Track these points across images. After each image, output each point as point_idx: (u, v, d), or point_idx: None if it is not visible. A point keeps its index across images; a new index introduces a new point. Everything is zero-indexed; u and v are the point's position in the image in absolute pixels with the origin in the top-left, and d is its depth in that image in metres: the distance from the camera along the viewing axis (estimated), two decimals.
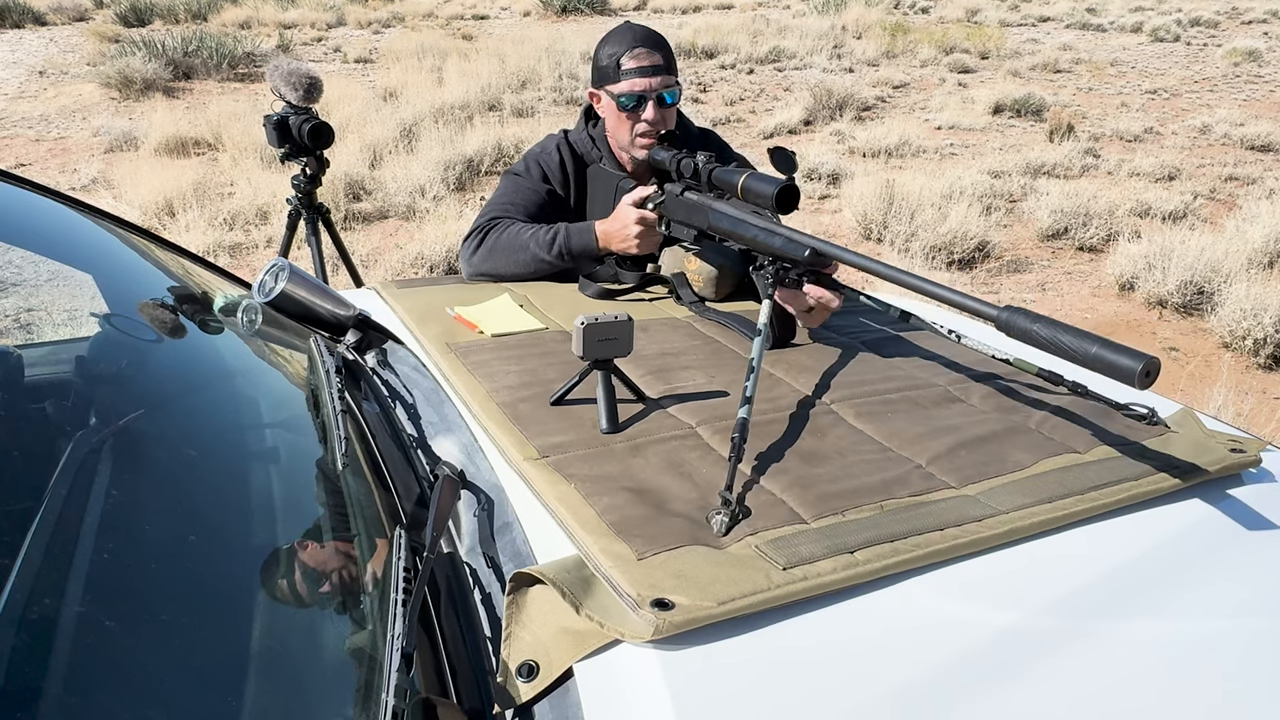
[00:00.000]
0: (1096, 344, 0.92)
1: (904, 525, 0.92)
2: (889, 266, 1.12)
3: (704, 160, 1.49)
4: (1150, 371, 0.88)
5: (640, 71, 1.70)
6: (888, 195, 5.29)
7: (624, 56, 1.70)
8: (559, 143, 1.87)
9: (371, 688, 0.74)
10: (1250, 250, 4.58)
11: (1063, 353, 0.95)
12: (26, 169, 6.67)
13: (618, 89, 1.72)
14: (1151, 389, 0.96)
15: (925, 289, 1.09)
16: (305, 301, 1.44)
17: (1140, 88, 10.20)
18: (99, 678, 0.63)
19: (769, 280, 1.32)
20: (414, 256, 4.77)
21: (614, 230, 1.68)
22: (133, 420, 0.97)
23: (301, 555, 0.91)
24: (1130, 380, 0.89)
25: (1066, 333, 0.95)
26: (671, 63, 1.75)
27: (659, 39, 1.75)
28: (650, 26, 1.78)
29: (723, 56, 11.73)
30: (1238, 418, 3.24)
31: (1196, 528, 1.00)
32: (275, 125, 2.73)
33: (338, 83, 9.18)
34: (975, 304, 1.04)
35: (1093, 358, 0.92)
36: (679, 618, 0.76)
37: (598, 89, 1.78)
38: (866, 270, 1.16)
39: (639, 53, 1.70)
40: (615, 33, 1.75)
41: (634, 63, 1.70)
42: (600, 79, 1.76)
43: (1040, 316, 0.99)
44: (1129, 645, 0.82)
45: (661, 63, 1.72)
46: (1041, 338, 0.97)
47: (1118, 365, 0.90)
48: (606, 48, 1.74)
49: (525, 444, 1.06)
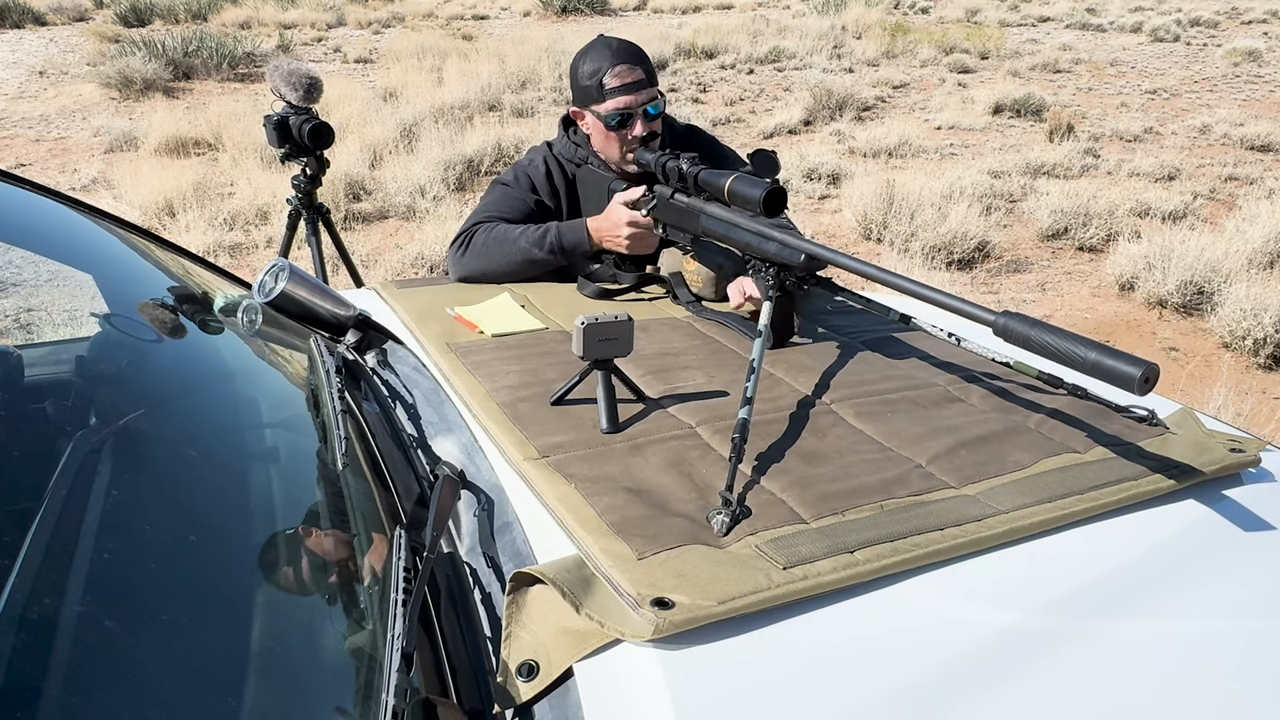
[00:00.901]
0: (1095, 350, 0.92)
1: (904, 525, 0.92)
2: (885, 271, 1.12)
3: (689, 163, 1.46)
4: (1149, 378, 0.88)
5: (624, 89, 1.69)
6: (888, 195, 5.29)
7: (606, 75, 1.69)
8: (544, 155, 1.86)
9: (371, 688, 0.74)
10: (1250, 250, 4.58)
11: (1061, 358, 0.95)
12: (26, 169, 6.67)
13: (603, 109, 1.71)
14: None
15: (922, 294, 1.08)
16: (305, 301, 1.44)
17: (1140, 88, 10.20)
18: (99, 678, 0.63)
19: (770, 282, 1.31)
20: (414, 256, 4.77)
21: (605, 229, 1.68)
22: (133, 420, 0.97)
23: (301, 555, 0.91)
24: (1130, 386, 0.88)
25: (1064, 338, 0.95)
26: (652, 74, 1.74)
27: (637, 52, 1.73)
28: (625, 38, 1.77)
29: (723, 56, 11.73)
30: (1237, 418, 3.24)
31: (1196, 527, 1.00)
32: (275, 125, 2.73)
33: (338, 83, 9.18)
34: (973, 309, 1.03)
35: (1091, 364, 0.92)
36: (679, 617, 0.76)
37: (582, 108, 1.77)
38: (863, 275, 1.15)
39: (621, 70, 1.69)
40: (593, 50, 1.73)
41: (617, 81, 1.69)
42: (583, 99, 1.75)
43: (1038, 322, 0.98)
44: (1129, 645, 0.82)
45: (644, 77, 1.71)
46: (1039, 343, 0.96)
47: (1117, 372, 0.90)
48: (586, 65, 1.72)
49: (525, 444, 1.06)
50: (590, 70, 1.71)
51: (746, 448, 1.04)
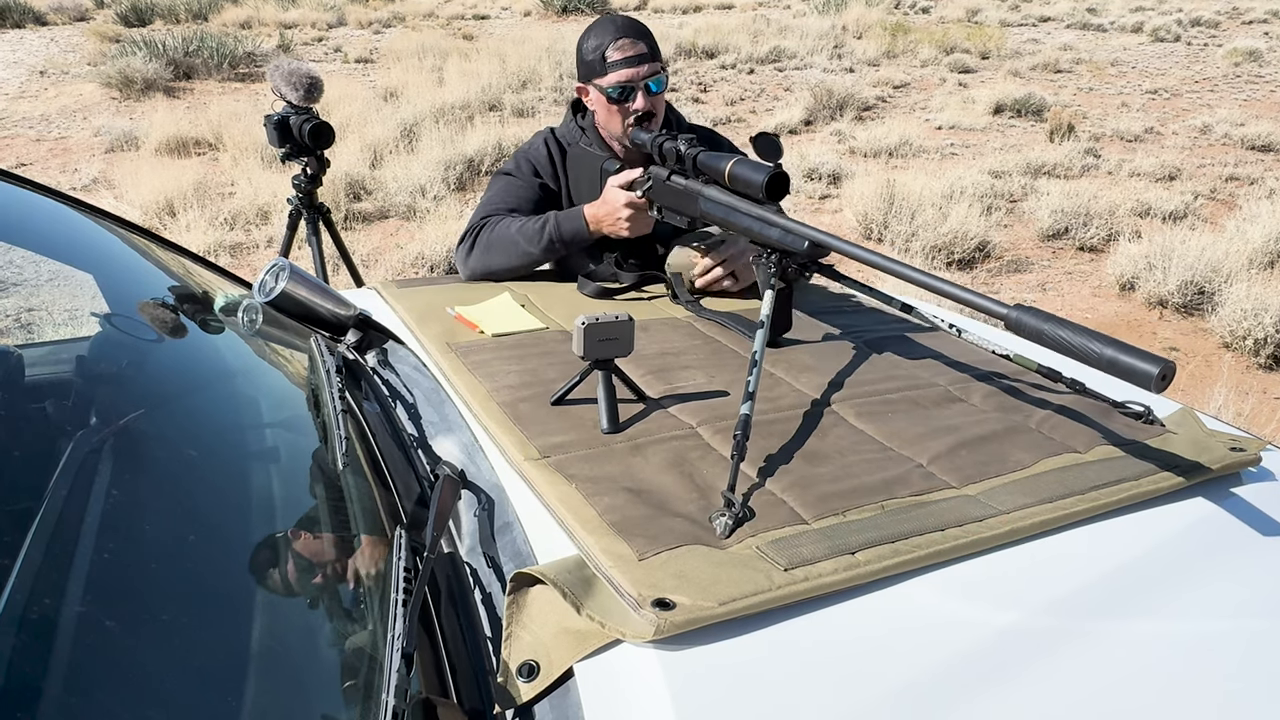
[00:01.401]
0: (1111, 346, 0.90)
1: (905, 525, 0.92)
2: (893, 260, 1.09)
3: (687, 144, 1.45)
4: (1166, 375, 0.86)
5: (626, 62, 1.69)
6: (888, 195, 5.29)
7: (609, 49, 1.70)
8: (545, 138, 1.87)
9: (371, 688, 0.74)
10: (1250, 250, 4.58)
11: (1075, 354, 0.92)
12: (27, 169, 6.67)
13: (605, 81, 1.72)
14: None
15: (932, 285, 1.04)
16: (306, 301, 1.44)
17: (1141, 88, 10.20)
18: (99, 678, 0.63)
19: (772, 271, 1.28)
20: (414, 256, 4.77)
21: (603, 214, 1.67)
22: (133, 420, 0.97)
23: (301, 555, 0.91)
24: (1147, 384, 0.86)
25: (1080, 334, 0.92)
26: (656, 50, 1.75)
27: (641, 27, 1.75)
28: (631, 15, 1.77)
29: (723, 56, 11.73)
30: (1238, 418, 3.24)
31: (1197, 527, 1.00)
32: (276, 125, 2.73)
33: (338, 83, 9.18)
34: (985, 302, 1.00)
35: (1108, 361, 0.89)
36: (680, 618, 0.76)
37: (585, 83, 1.78)
38: (870, 264, 1.12)
39: (623, 43, 1.70)
40: (597, 25, 1.75)
41: (619, 54, 1.69)
42: (587, 73, 1.76)
43: (1052, 316, 0.96)
44: (1129, 645, 0.82)
45: (646, 51, 1.71)
46: (1052, 338, 0.94)
47: (1134, 369, 0.87)
48: (590, 41, 1.74)
49: (526, 444, 1.06)
50: (594, 45, 1.72)
51: (748, 447, 1.04)
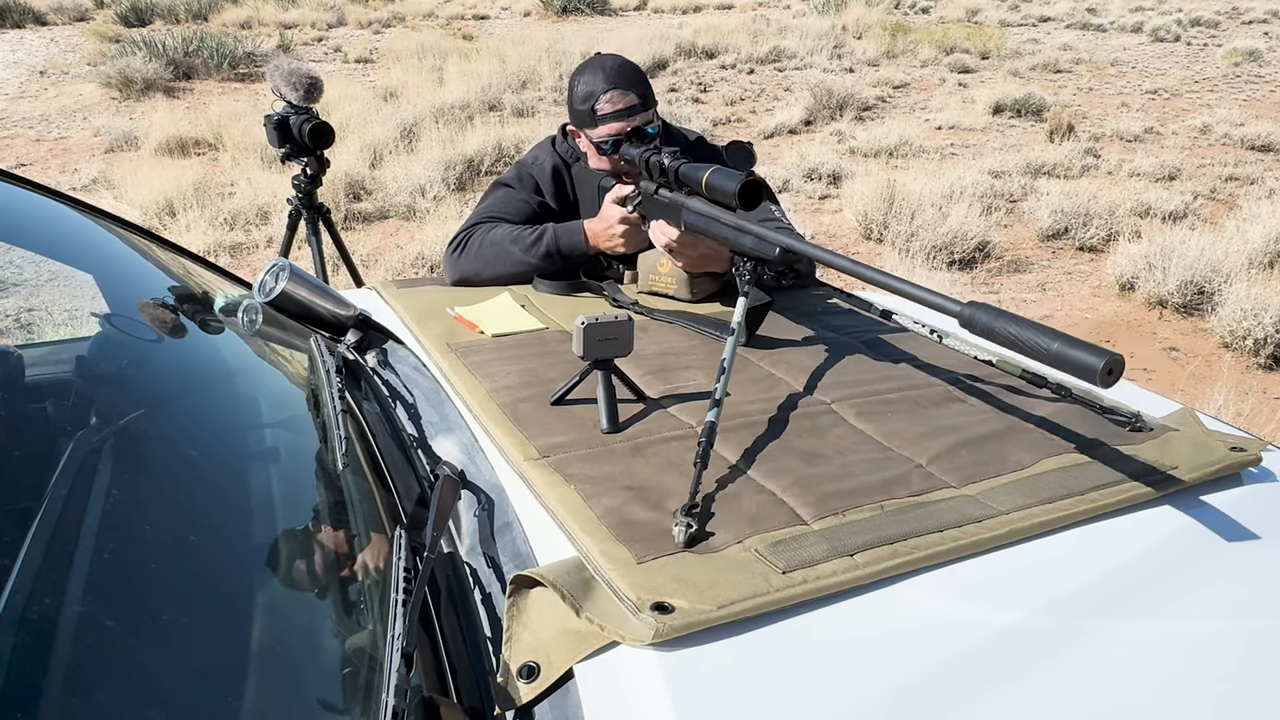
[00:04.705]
0: (1058, 340, 0.88)
1: (904, 526, 0.92)
2: (855, 262, 1.10)
3: (670, 157, 1.45)
4: (1113, 369, 0.84)
5: (616, 115, 1.67)
6: (888, 195, 5.29)
7: (599, 101, 1.67)
8: (550, 153, 1.85)
9: (372, 688, 0.74)
10: (1250, 250, 4.58)
11: (1024, 349, 0.91)
12: (27, 169, 6.67)
13: (596, 134, 1.69)
14: (1151, 389, 0.95)
15: (888, 284, 1.05)
16: (305, 301, 1.44)
17: (1140, 88, 10.20)
18: (99, 678, 0.63)
19: (745, 276, 1.30)
20: (414, 256, 4.77)
21: (600, 230, 1.67)
22: (133, 420, 0.97)
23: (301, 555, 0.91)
24: (1091, 378, 0.85)
25: (1027, 328, 0.91)
26: (648, 95, 1.71)
27: (633, 73, 1.71)
28: (622, 56, 1.74)
29: (723, 56, 11.72)
30: (1238, 418, 3.24)
31: (1196, 527, 1.00)
32: (276, 125, 2.73)
33: (338, 83, 9.18)
34: (938, 299, 1.00)
35: (1054, 355, 0.88)
36: (679, 621, 0.76)
37: (577, 130, 1.75)
38: (833, 267, 1.13)
39: (613, 95, 1.66)
40: (588, 69, 1.71)
41: (610, 107, 1.66)
42: (578, 121, 1.73)
43: (1002, 312, 0.95)
44: (1129, 645, 0.82)
45: (637, 101, 1.68)
46: (1002, 334, 0.93)
47: (1079, 362, 0.86)
48: (580, 87, 1.69)
49: (526, 444, 1.06)
50: (584, 94, 1.69)
51: (747, 448, 1.04)
